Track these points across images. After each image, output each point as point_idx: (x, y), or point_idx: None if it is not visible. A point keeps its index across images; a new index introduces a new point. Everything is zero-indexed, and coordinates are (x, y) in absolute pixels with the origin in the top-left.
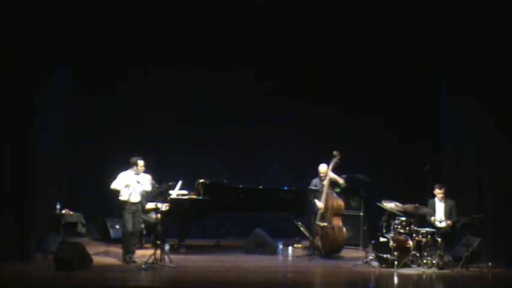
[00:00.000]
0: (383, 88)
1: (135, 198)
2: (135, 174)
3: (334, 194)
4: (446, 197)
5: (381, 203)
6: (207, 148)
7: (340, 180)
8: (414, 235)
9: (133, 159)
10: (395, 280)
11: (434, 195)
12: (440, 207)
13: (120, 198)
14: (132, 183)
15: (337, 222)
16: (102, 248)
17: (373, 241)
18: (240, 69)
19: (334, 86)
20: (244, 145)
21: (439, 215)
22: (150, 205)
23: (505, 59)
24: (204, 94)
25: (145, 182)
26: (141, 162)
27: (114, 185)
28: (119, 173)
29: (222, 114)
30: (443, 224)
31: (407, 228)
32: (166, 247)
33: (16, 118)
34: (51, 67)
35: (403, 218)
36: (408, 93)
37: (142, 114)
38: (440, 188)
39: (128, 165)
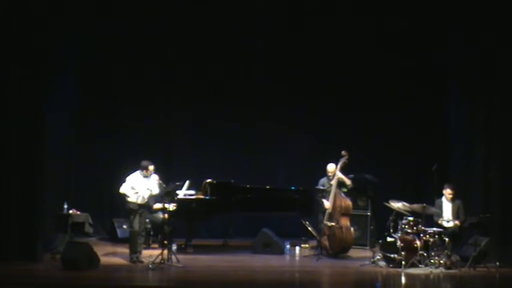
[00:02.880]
0: (391, 88)
1: (143, 201)
2: (144, 177)
3: (342, 194)
4: (454, 197)
5: (388, 203)
6: (214, 148)
7: (347, 181)
8: (422, 235)
9: (144, 163)
10: (403, 280)
11: (442, 195)
12: (447, 207)
13: (128, 199)
14: (141, 190)
15: (345, 222)
16: (109, 248)
17: (380, 241)
18: (248, 69)
19: (343, 85)
20: (251, 145)
21: (447, 215)
22: (157, 205)
23: None
24: (211, 94)
25: (154, 185)
26: (151, 167)
27: (123, 189)
28: (127, 176)
29: (229, 114)
30: (450, 224)
31: (415, 228)
32: (174, 247)
33: (24, 118)
34: (61, 66)
35: (411, 218)
36: (416, 92)
37: (150, 114)
38: (451, 189)
39: (135, 165)
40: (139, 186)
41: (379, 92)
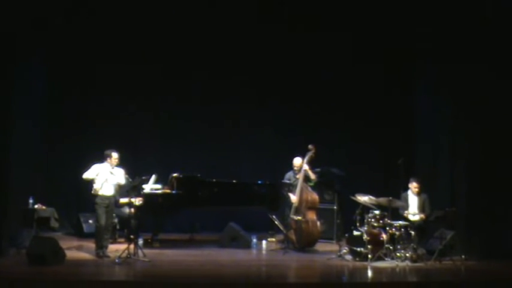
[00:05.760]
0: (358, 82)
1: (108, 191)
2: (110, 167)
3: (309, 188)
4: (420, 191)
5: (355, 197)
6: (181, 142)
7: (312, 176)
8: (388, 228)
9: (107, 152)
10: (369, 273)
11: (408, 189)
12: (413, 200)
13: (92, 192)
14: (104, 174)
15: (312, 215)
16: (75, 242)
17: (346, 235)
18: (215, 65)
19: (310, 80)
20: (218, 139)
21: (413, 208)
22: (123, 199)
23: (477, 57)
24: (178, 89)
25: (120, 174)
26: (115, 155)
27: (86, 174)
28: (93, 164)
29: (196, 109)
30: (416, 217)
31: (381, 221)
32: (140, 241)
33: None
34: (27, 62)
35: (377, 212)
36: (383, 88)
37: (116, 109)
38: (417, 182)
39: (102, 160)
40: (104, 172)
41: (345, 86)
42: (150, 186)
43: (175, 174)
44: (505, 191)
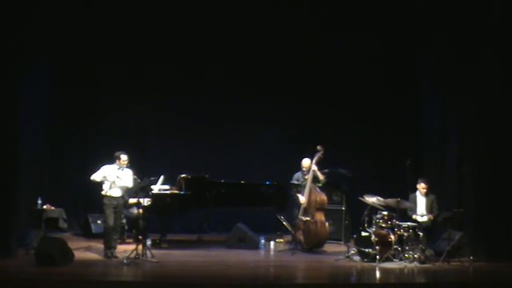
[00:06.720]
0: (365, 83)
1: (116, 192)
2: (118, 168)
3: (317, 189)
4: (428, 192)
5: (363, 198)
6: (189, 143)
7: (321, 177)
8: (396, 229)
9: (116, 153)
10: (377, 274)
11: (416, 190)
12: (421, 201)
13: (102, 192)
14: (111, 177)
15: (320, 216)
16: (83, 243)
17: (355, 235)
18: (222, 64)
19: (318, 81)
20: (226, 140)
21: (421, 209)
22: (132, 200)
23: (483, 58)
24: (186, 89)
25: (127, 178)
26: (124, 157)
27: (94, 176)
28: (102, 165)
29: (204, 109)
30: (424, 218)
31: (389, 222)
32: (148, 242)
33: None
34: (32, 61)
35: (385, 212)
36: (391, 88)
37: (125, 109)
38: (425, 183)
39: (110, 160)
40: (112, 174)
41: (353, 87)
42: (159, 186)
43: (183, 175)
44: None
